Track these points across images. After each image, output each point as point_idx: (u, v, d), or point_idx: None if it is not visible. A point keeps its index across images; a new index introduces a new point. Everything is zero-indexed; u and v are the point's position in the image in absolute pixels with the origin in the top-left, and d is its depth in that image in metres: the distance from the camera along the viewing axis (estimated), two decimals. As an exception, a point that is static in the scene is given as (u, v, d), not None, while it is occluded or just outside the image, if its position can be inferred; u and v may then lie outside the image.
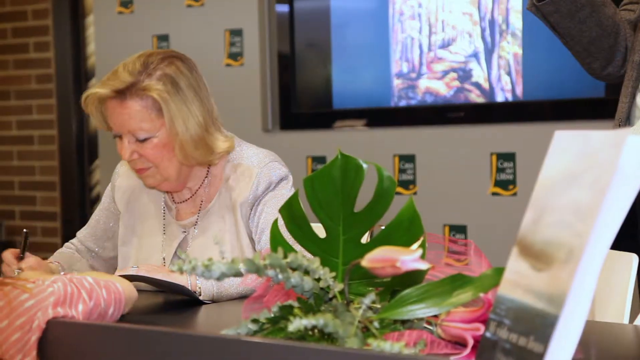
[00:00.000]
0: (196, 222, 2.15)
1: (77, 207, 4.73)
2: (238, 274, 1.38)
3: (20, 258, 2.07)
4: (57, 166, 4.81)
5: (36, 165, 4.88)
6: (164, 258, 2.15)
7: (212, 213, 2.14)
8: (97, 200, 4.76)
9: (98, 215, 2.30)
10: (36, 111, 4.87)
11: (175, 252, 2.14)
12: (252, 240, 2.10)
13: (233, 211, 2.10)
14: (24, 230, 2.10)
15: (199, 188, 2.16)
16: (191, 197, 2.17)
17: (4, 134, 4.96)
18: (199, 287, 1.89)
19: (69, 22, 4.73)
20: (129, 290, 1.61)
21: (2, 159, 4.97)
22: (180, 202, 2.19)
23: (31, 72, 4.87)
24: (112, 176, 2.30)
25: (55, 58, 4.77)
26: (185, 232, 2.16)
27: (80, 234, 2.32)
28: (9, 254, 2.07)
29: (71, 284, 1.50)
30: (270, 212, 2.07)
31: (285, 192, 2.10)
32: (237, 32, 3.85)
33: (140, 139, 2.04)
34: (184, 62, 2.08)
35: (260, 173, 2.09)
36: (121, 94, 2.02)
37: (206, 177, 2.15)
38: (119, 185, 2.25)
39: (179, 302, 1.94)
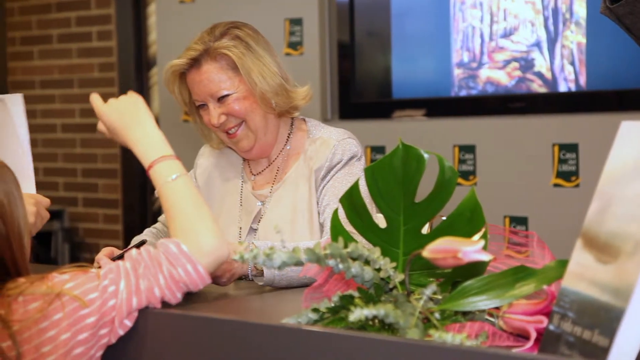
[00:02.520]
0: (272, 191, 2.23)
1: (138, 194, 4.80)
2: (299, 263, 1.38)
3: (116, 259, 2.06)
4: (118, 154, 4.88)
5: (98, 153, 4.96)
6: (240, 229, 2.22)
7: (288, 183, 2.22)
8: (157, 187, 4.81)
9: None
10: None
11: (252, 224, 2.22)
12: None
13: (309, 179, 2.19)
14: (143, 240, 2.12)
15: (276, 158, 2.25)
16: (268, 166, 2.26)
17: (67, 121, 5.05)
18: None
19: (131, 11, 4.79)
20: (210, 256, 1.53)
21: (65, 147, 5.06)
22: (258, 174, 2.27)
23: (94, 60, 4.94)
24: (196, 158, 2.39)
25: (117, 47, 4.84)
26: (261, 203, 2.23)
27: (162, 217, 2.40)
28: (102, 254, 2.07)
29: (137, 295, 1.48)
30: (337, 186, 2.15)
31: (356, 170, 2.18)
32: (297, 22, 3.85)
33: (222, 97, 2.15)
34: (248, 27, 2.22)
35: (337, 145, 2.19)
36: (196, 61, 2.15)
37: (284, 146, 2.25)
38: (200, 164, 2.36)
39: (238, 291, 1.95)
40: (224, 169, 2.32)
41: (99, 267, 2.03)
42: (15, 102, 2.03)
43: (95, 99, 1.79)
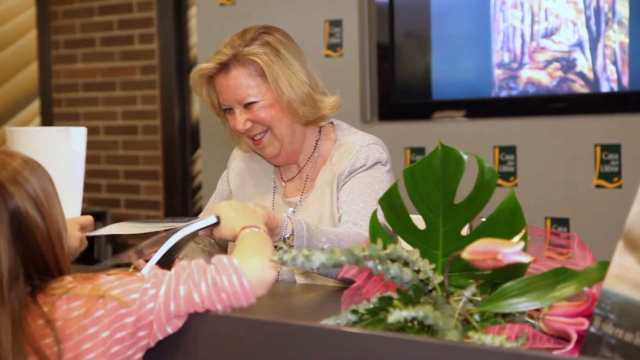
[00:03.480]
0: (301, 198, 2.21)
1: (180, 195, 4.83)
2: (338, 265, 1.39)
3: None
4: (160, 156, 4.92)
5: (140, 155, 5.01)
6: None
7: (315, 190, 2.20)
8: (199, 189, 4.85)
9: (213, 199, 2.38)
10: (140, 102, 4.99)
11: None
12: None
13: (331, 186, 2.16)
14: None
15: (305, 165, 2.24)
16: (298, 173, 2.25)
17: (109, 124, 5.11)
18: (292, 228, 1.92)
19: (172, 14, 4.83)
20: (259, 276, 1.53)
21: (108, 149, 5.12)
22: (288, 180, 2.26)
23: (136, 63, 4.99)
24: (230, 158, 2.39)
25: (159, 49, 4.88)
26: (293, 210, 2.22)
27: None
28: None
29: (175, 301, 1.48)
30: (356, 185, 2.12)
31: (379, 174, 2.14)
32: (336, 23, 3.86)
33: (248, 103, 2.13)
34: (280, 32, 2.20)
35: (360, 151, 2.16)
36: (225, 66, 2.14)
37: (312, 154, 2.23)
38: (233, 167, 2.35)
39: (277, 292, 1.96)
40: (256, 173, 2.31)
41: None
42: (78, 134, 2.16)
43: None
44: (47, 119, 5.32)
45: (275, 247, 1.70)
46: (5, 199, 1.43)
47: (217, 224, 1.79)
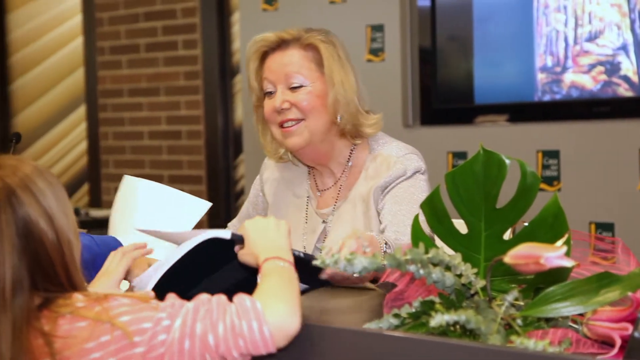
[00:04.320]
0: (333, 210, 2.18)
1: (223, 200, 4.87)
2: (380, 269, 1.39)
3: None
4: (203, 160, 4.96)
5: (184, 160, 5.05)
6: (304, 247, 2.17)
7: (348, 201, 2.16)
8: (241, 193, 4.88)
9: (247, 208, 2.36)
10: (184, 107, 5.04)
11: (316, 243, 2.17)
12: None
13: (366, 198, 2.12)
14: None
15: (341, 175, 2.19)
16: (334, 184, 2.21)
17: (154, 129, 5.16)
18: None
19: (215, 19, 4.87)
20: (282, 326, 1.39)
21: (152, 153, 5.17)
22: (324, 190, 2.22)
23: (180, 69, 5.04)
24: (260, 169, 2.35)
25: (202, 55, 4.92)
26: (325, 222, 2.19)
27: (233, 226, 2.38)
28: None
29: (190, 339, 1.37)
30: (398, 194, 2.08)
31: (417, 184, 2.10)
32: (378, 28, 3.86)
33: (294, 86, 2.11)
34: (340, 41, 2.18)
35: (397, 162, 2.12)
36: (285, 43, 2.12)
37: (347, 164, 2.19)
38: (266, 178, 2.30)
39: (319, 295, 1.97)
40: (290, 184, 2.27)
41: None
42: (200, 206, 2.15)
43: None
44: (93, 125, 5.40)
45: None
46: (14, 205, 1.38)
47: (241, 245, 1.61)
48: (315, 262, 1.40)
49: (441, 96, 3.77)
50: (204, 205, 2.18)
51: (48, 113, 5.64)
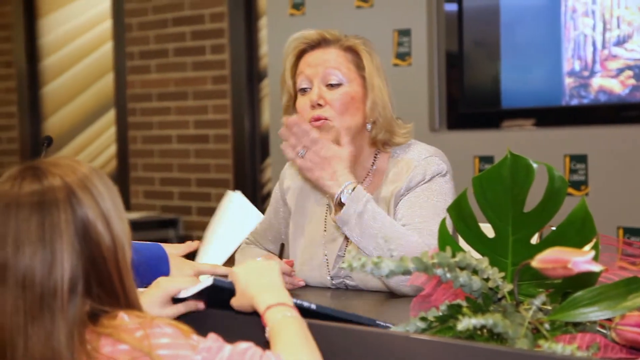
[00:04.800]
0: None
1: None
2: (407, 272, 1.40)
3: None
4: (231, 164, 4.98)
5: (211, 163, 5.08)
6: (325, 255, 2.15)
7: None
8: (268, 197, 4.90)
9: (269, 218, 2.35)
10: (212, 111, 5.06)
11: (338, 252, 2.15)
12: None
13: (387, 204, 2.10)
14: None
15: (364, 180, 2.17)
16: None
17: (182, 132, 5.19)
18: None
19: (243, 24, 4.89)
20: None
21: (180, 157, 5.20)
22: None
23: (207, 73, 5.07)
24: (280, 177, 2.34)
25: (230, 60, 4.95)
26: None
27: (256, 232, 2.38)
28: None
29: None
30: (413, 200, 2.05)
31: (437, 187, 2.07)
32: (405, 32, 3.87)
33: (332, 83, 2.10)
34: (374, 47, 2.19)
35: (418, 166, 2.09)
36: (326, 42, 2.14)
37: (371, 168, 2.17)
38: (287, 186, 2.29)
39: (347, 299, 1.97)
40: (311, 193, 2.24)
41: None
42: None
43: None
44: (122, 128, 5.44)
45: None
46: (73, 204, 1.35)
47: (232, 293, 1.55)
48: (342, 266, 1.41)
49: (468, 100, 3.76)
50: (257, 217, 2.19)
51: (78, 117, 5.70)
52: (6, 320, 1.33)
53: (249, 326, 1.52)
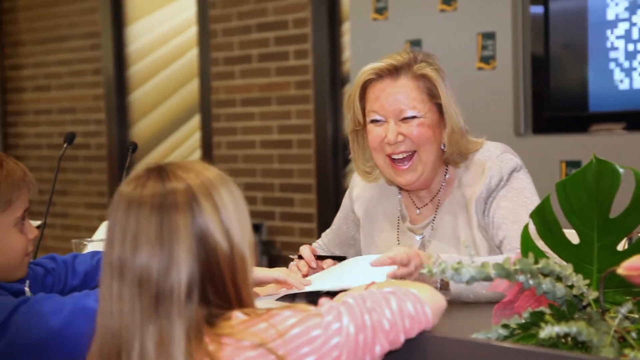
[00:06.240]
0: (431, 222, 2.15)
1: (332, 209, 4.90)
2: (488, 279, 1.38)
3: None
4: (313, 169, 5.00)
5: (295, 168, 5.11)
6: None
7: (445, 212, 2.14)
8: (350, 202, 4.90)
9: (338, 222, 2.35)
10: (295, 116, 5.09)
11: None
12: (485, 235, 2.08)
13: (466, 208, 2.09)
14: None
15: (439, 190, 2.16)
16: (431, 200, 2.18)
17: (265, 138, 5.24)
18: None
19: (326, 29, 4.91)
20: (435, 303, 1.46)
21: (264, 162, 5.25)
22: (422, 207, 2.19)
23: (291, 78, 5.10)
24: (350, 184, 2.34)
25: (313, 65, 4.97)
26: (421, 236, 2.16)
27: (326, 237, 2.39)
28: (307, 251, 2.09)
29: (363, 332, 1.35)
30: (505, 205, 2.04)
31: (517, 183, 2.07)
32: (489, 36, 3.82)
33: (407, 116, 2.06)
34: (438, 57, 2.14)
35: (492, 166, 2.08)
36: (395, 71, 2.07)
37: (444, 181, 2.16)
38: (357, 196, 2.28)
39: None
40: (380, 202, 2.24)
41: (299, 258, 1.99)
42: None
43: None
44: (207, 134, 5.52)
45: None
46: (193, 209, 1.34)
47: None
48: (422, 271, 1.40)
49: (554, 104, 3.70)
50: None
51: (164, 123, 5.80)
52: (123, 320, 1.33)
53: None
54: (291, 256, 2.14)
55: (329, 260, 2.10)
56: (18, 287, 1.82)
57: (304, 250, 2.09)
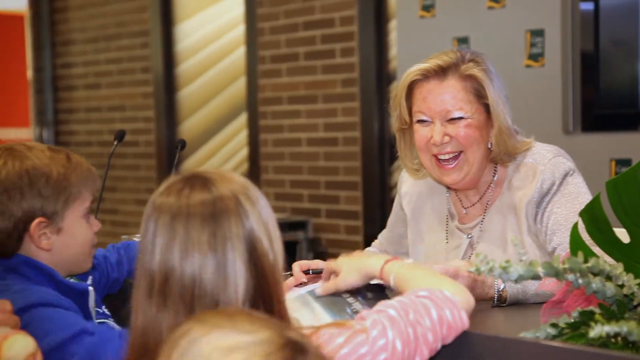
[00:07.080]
0: (480, 223, 2.14)
1: (378, 206, 4.90)
2: (536, 277, 1.37)
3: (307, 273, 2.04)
4: (359, 167, 5.00)
5: (340, 166, 5.11)
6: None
7: (493, 213, 2.12)
8: (397, 200, 4.89)
9: (391, 220, 2.35)
10: (341, 114, 5.10)
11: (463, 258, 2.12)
12: (535, 240, 2.06)
13: (516, 211, 2.07)
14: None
15: (487, 190, 2.15)
16: (479, 200, 2.17)
17: (311, 135, 5.25)
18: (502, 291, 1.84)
19: (373, 27, 4.90)
20: (467, 304, 1.48)
21: (310, 160, 5.26)
22: (470, 207, 2.18)
23: (337, 76, 5.10)
24: (398, 181, 2.34)
25: (359, 63, 4.97)
26: (469, 236, 2.15)
27: (382, 236, 2.39)
28: (297, 268, 2.05)
29: (408, 346, 1.35)
30: (559, 212, 2.02)
31: (572, 188, 2.04)
32: (538, 33, 3.79)
33: (454, 117, 2.05)
34: (486, 56, 2.11)
35: (545, 170, 2.06)
36: (442, 72, 2.05)
37: (492, 182, 2.15)
38: (405, 192, 2.28)
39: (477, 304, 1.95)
40: (428, 199, 2.23)
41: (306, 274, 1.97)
42: None
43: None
44: (254, 132, 5.55)
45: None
46: (240, 215, 1.30)
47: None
48: (470, 269, 1.39)
49: (604, 101, 3.65)
50: None
51: (211, 120, 5.85)
52: (163, 336, 1.24)
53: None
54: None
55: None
56: (84, 287, 1.83)
57: (294, 267, 2.08)
